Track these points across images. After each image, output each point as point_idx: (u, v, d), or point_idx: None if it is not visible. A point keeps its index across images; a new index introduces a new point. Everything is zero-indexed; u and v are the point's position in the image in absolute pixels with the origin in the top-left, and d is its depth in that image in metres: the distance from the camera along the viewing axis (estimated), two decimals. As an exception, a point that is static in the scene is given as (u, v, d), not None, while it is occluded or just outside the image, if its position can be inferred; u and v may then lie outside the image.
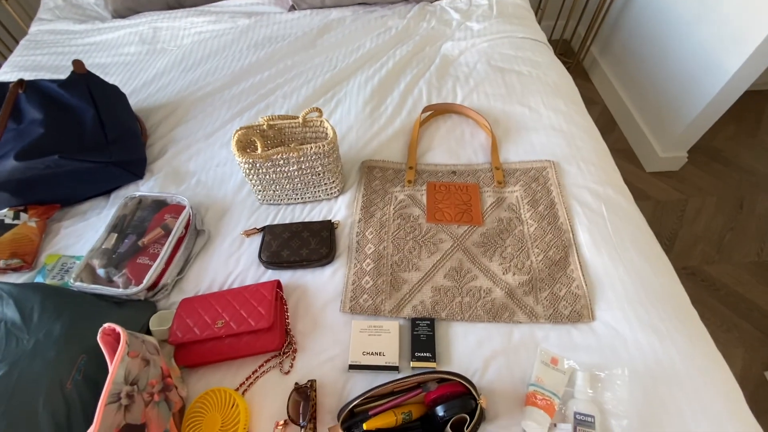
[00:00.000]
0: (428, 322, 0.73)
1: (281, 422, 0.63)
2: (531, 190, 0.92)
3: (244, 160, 0.81)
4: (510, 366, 0.70)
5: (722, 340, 1.29)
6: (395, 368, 0.69)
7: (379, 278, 0.80)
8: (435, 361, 0.69)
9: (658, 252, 0.84)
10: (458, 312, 0.75)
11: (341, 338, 0.73)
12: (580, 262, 0.80)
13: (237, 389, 0.69)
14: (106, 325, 0.58)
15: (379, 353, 0.70)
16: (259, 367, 0.71)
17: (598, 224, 0.86)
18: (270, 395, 0.68)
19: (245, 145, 0.87)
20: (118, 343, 0.57)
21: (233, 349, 0.71)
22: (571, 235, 0.84)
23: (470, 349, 0.72)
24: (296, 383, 0.68)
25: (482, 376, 0.69)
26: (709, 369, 0.68)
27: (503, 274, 0.79)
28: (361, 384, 0.69)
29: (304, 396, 0.66)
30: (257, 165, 0.83)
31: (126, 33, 1.43)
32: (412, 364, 0.69)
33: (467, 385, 0.58)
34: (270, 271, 0.83)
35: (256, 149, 0.81)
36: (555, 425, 0.62)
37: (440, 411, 0.58)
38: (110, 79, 1.19)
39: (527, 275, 0.79)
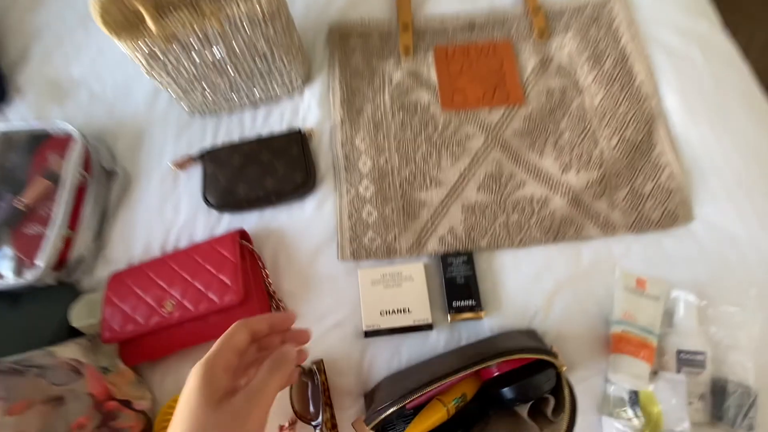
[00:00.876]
0: (465, 258, 0.52)
1: (286, 425, 0.47)
2: (589, 40, 0.61)
3: (129, 46, 0.48)
4: (580, 300, 0.51)
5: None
6: (429, 326, 0.50)
7: (386, 206, 0.55)
8: (482, 310, 0.50)
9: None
10: (504, 236, 0.53)
11: (347, 295, 0.53)
12: (671, 141, 0.55)
13: (218, 385, 0.50)
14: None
15: (404, 310, 0.50)
16: (243, 349, 0.52)
17: (691, 78, 0.59)
18: (264, 386, 0.50)
19: (129, 20, 0.52)
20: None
21: (198, 334, 0.50)
22: (655, 101, 0.57)
23: (526, 284, 0.52)
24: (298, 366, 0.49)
25: (545, 319, 0.51)
26: None
27: (562, 173, 0.55)
28: (387, 350, 0.51)
29: (311, 381, 0.48)
30: (157, 53, 0.50)
31: None
32: (450, 318, 0.50)
33: (544, 357, 0.39)
34: (227, 215, 0.58)
35: (146, 23, 0.47)
36: (656, 373, 0.46)
37: (509, 394, 0.40)
38: None
39: (597, 170, 0.55)
